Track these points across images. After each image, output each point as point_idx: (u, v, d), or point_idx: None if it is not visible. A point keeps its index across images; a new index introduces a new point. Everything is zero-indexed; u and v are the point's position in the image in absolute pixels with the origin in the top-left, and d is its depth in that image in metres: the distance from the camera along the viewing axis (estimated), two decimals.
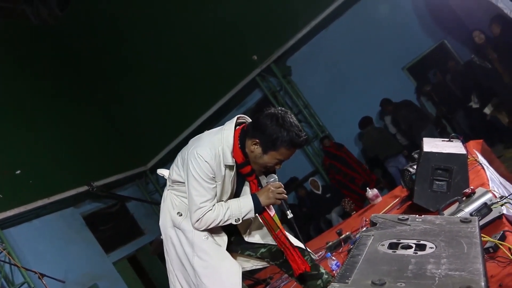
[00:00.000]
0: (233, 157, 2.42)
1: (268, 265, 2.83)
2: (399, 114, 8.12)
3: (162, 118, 10.11)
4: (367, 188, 4.50)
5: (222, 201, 2.51)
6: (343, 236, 3.61)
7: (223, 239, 2.59)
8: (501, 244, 1.89)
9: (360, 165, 8.86)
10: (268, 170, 2.55)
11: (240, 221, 2.47)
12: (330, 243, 3.68)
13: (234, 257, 2.68)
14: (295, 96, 9.59)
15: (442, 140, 3.10)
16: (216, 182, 2.43)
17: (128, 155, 10.24)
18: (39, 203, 7.55)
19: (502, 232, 1.98)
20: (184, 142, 2.63)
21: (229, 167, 2.45)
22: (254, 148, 2.40)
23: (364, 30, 9.01)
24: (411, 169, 3.20)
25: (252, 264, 2.80)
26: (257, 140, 2.38)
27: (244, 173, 2.51)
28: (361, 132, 8.87)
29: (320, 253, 3.69)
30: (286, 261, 2.64)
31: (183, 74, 9.80)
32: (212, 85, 9.58)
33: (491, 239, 1.94)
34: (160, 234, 2.74)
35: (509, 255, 1.83)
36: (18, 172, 7.60)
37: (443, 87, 8.48)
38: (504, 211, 2.17)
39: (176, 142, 9.92)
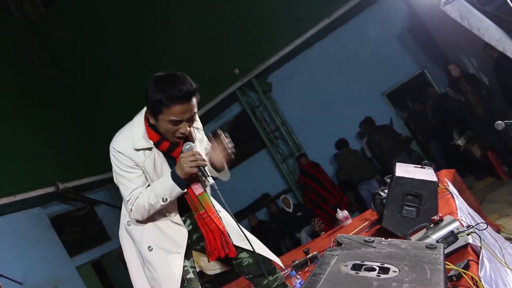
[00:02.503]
0: (149, 139, 2.32)
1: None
2: (372, 138, 8.16)
3: None
4: (338, 210, 4.51)
5: None
6: (310, 255, 3.59)
7: (179, 243, 2.44)
8: (464, 273, 1.89)
9: (334, 186, 8.90)
10: (183, 136, 2.34)
11: (168, 201, 2.30)
12: (296, 262, 3.66)
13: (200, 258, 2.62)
14: (274, 112, 9.60)
15: (415, 166, 3.12)
16: (140, 169, 2.34)
17: (101, 158, 9.92)
18: (4, 200, 7.37)
19: (466, 261, 1.99)
20: None
21: (146, 150, 2.33)
22: (152, 120, 2.29)
23: (347, 53, 9.13)
24: (382, 193, 3.21)
25: (220, 266, 2.67)
26: (148, 111, 2.30)
27: (166, 150, 2.36)
28: (336, 153, 8.91)
29: (286, 271, 3.66)
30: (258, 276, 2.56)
31: None
32: None
33: (455, 267, 1.95)
34: None
35: (472, 284, 1.83)
36: None
37: (420, 115, 8.60)
38: (470, 241, 2.18)
39: None
